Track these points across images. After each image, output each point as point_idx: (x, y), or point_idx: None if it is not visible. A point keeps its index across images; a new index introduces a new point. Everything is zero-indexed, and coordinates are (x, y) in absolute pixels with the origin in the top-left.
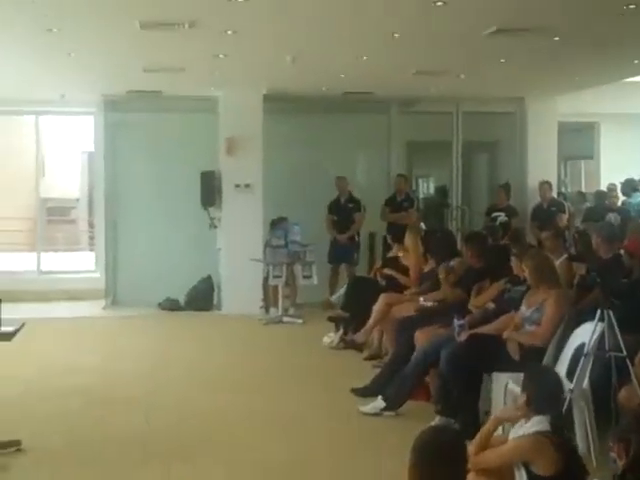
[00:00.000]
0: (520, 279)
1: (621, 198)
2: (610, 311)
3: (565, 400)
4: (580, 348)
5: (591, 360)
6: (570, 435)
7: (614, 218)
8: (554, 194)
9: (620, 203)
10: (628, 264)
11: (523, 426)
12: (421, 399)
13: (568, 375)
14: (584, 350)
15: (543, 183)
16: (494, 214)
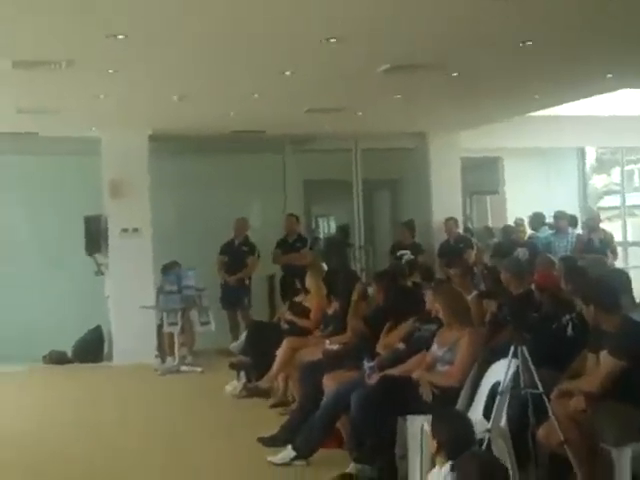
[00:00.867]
0: (430, 317)
1: (529, 232)
2: (523, 347)
3: (483, 440)
4: (495, 386)
5: (507, 398)
6: None
7: (522, 253)
8: (460, 230)
9: (527, 237)
10: (539, 298)
11: (439, 472)
12: (333, 446)
13: (485, 414)
14: (499, 388)
15: (449, 219)
16: (399, 252)
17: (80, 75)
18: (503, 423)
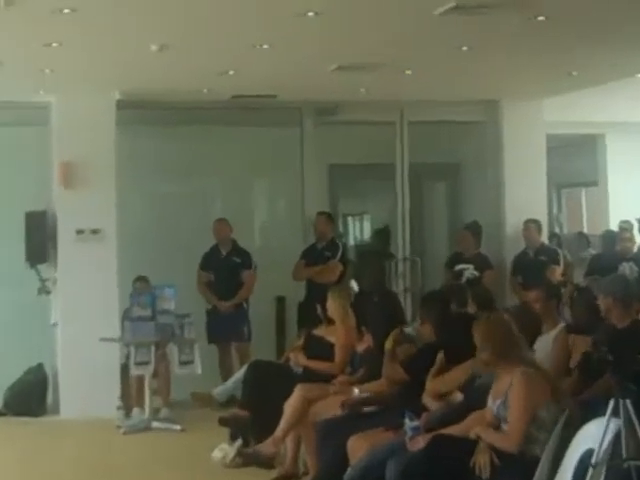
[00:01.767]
0: None
1: (639, 241)
2: (627, 401)
3: None
4: (587, 456)
5: (603, 473)
6: None
7: (629, 270)
8: (544, 238)
9: (638, 248)
10: None
11: None
12: None
13: None
14: (592, 459)
15: (528, 222)
16: (458, 267)
17: (25, 16)
18: None
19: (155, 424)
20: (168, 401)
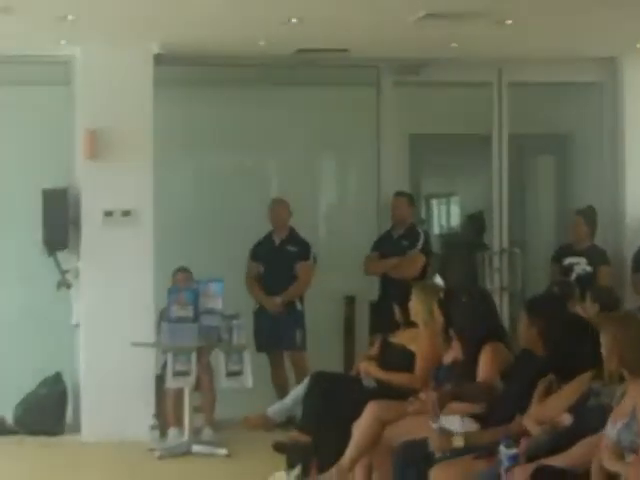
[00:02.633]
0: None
1: None
2: None
3: None
4: None
5: None
6: None
7: None
8: None
9: None
10: None
11: None
12: None
13: None
14: None
15: None
16: (568, 260)
17: None
18: None
19: (196, 447)
20: (212, 420)
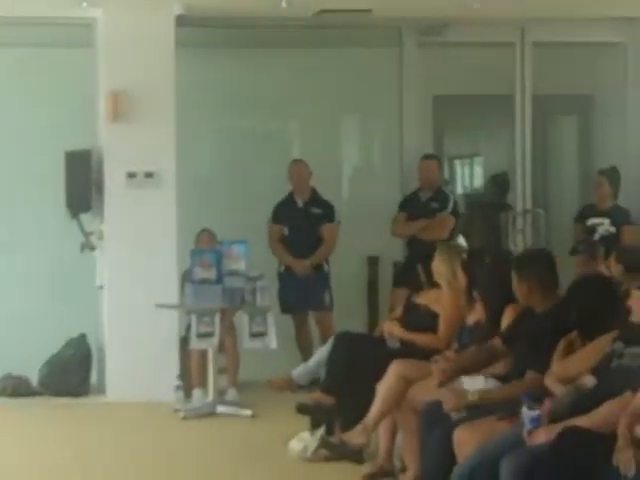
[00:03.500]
0: None
1: None
2: None
3: None
4: None
5: None
6: None
7: None
8: None
9: None
10: None
11: None
12: None
13: None
14: None
15: None
16: (591, 221)
17: None
18: None
19: (220, 408)
20: (236, 381)
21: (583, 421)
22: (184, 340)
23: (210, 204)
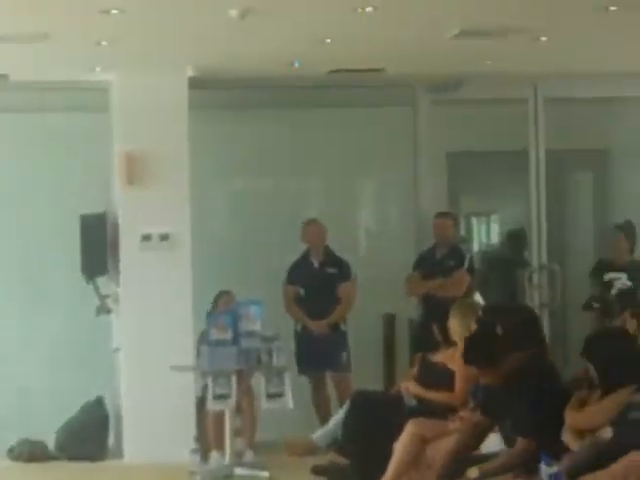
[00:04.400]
0: None
1: None
2: None
3: None
4: None
5: None
6: None
7: None
8: None
9: None
10: None
11: None
12: None
13: None
14: None
15: None
16: (608, 276)
17: None
18: None
19: (238, 471)
20: (253, 443)
21: (602, 477)
22: (201, 401)
23: (225, 265)
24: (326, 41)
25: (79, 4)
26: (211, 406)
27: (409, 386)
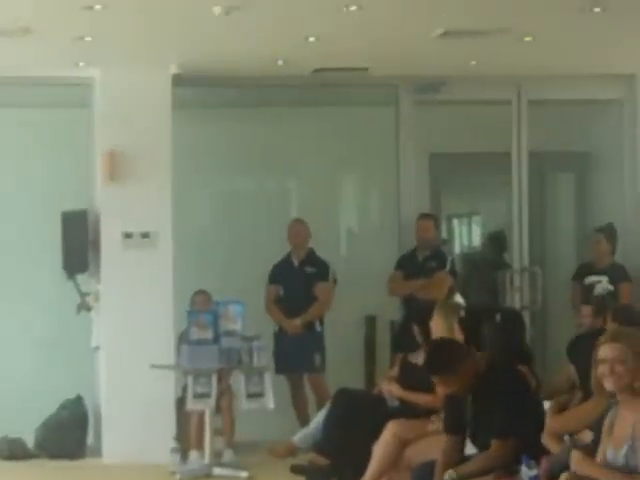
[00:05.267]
0: None
1: None
2: None
3: None
4: None
5: None
6: None
7: None
8: None
9: None
10: None
11: None
12: None
13: None
14: None
15: None
16: (589, 279)
17: None
18: None
19: (217, 470)
20: (232, 442)
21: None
22: (180, 401)
23: (207, 264)
24: (310, 40)
25: None
26: (191, 405)
27: (391, 388)
